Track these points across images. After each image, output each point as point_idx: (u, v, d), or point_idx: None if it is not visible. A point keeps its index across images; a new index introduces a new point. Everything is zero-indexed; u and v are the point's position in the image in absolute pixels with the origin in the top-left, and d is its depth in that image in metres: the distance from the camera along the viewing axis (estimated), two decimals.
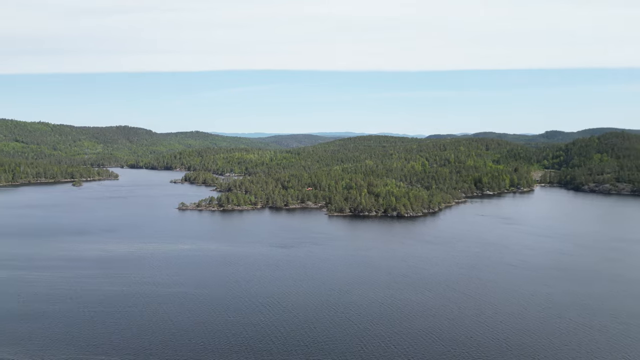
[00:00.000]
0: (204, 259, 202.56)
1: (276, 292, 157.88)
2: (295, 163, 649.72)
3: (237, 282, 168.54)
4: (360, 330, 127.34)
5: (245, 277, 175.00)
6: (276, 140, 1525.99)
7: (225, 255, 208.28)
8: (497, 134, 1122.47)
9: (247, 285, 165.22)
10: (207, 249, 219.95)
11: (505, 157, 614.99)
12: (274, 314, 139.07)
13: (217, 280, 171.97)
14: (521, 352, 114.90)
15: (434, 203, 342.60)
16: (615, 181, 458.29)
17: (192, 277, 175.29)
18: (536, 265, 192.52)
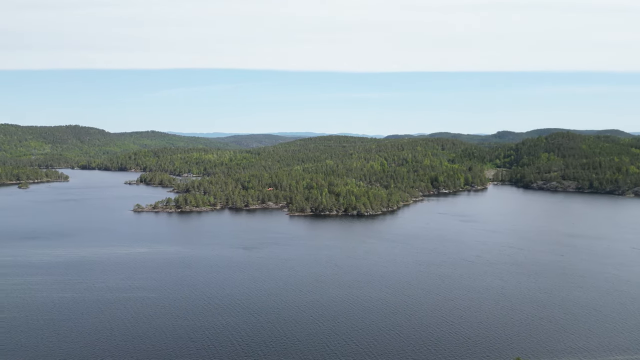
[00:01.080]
0: (162, 262, 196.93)
1: (237, 294, 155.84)
2: (256, 163, 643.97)
3: (197, 285, 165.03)
4: (322, 329, 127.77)
5: (205, 280, 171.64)
6: (235, 140, 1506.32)
7: (184, 258, 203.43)
8: (452, 134, 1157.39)
9: (207, 288, 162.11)
10: (164, 252, 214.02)
11: (460, 156, 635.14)
12: (236, 316, 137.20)
13: (175, 283, 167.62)
14: (478, 343, 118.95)
15: (392, 202, 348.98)
16: (561, 179, 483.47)
17: (149, 281, 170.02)
18: (490, 260, 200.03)
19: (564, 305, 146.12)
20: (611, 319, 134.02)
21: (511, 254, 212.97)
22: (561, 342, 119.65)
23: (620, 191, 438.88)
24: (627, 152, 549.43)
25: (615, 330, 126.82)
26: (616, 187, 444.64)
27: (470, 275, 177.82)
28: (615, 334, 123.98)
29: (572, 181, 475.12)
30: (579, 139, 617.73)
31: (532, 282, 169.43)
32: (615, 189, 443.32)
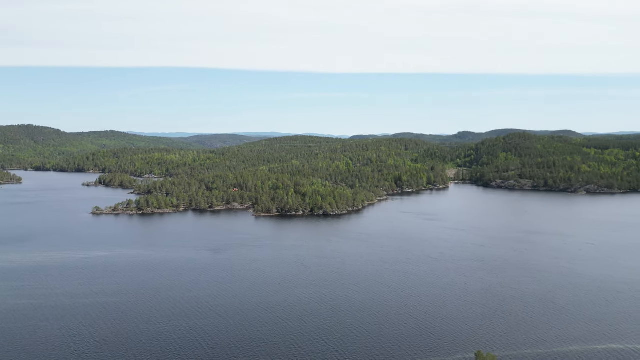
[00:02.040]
0: (123, 265, 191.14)
1: (203, 297, 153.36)
2: (220, 163, 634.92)
3: (160, 289, 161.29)
4: (290, 329, 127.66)
5: (169, 283, 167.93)
6: (199, 140, 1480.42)
7: (147, 261, 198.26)
8: (415, 135, 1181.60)
9: (172, 291, 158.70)
10: (125, 255, 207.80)
11: (422, 156, 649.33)
12: (202, 318, 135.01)
13: (138, 287, 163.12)
14: (441, 338, 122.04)
15: (358, 201, 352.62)
16: (519, 177, 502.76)
17: (110, 285, 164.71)
18: (453, 257, 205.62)
19: (523, 299, 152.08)
20: (567, 311, 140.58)
21: (473, 250, 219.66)
22: (520, 334, 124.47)
23: (573, 189, 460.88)
24: (579, 151, 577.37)
25: (570, 321, 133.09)
26: (569, 185, 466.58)
27: (434, 272, 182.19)
28: (571, 325, 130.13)
29: (528, 180, 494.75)
30: (534, 139, 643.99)
31: (493, 278, 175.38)
32: (568, 187, 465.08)
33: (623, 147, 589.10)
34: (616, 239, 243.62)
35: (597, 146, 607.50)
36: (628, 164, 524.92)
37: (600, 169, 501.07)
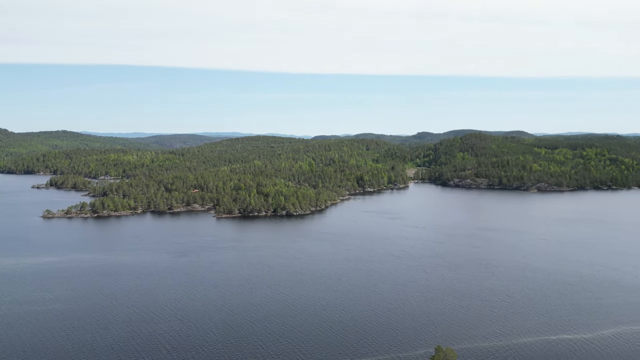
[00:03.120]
0: (78, 271, 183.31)
1: (163, 301, 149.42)
2: (180, 164, 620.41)
3: (118, 294, 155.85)
4: (254, 330, 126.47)
5: (127, 288, 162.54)
6: (157, 140, 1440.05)
7: (103, 266, 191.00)
8: (376, 135, 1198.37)
9: (130, 297, 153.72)
10: (80, 260, 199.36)
11: (383, 156, 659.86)
12: (162, 323, 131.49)
13: (93, 293, 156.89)
14: (404, 333, 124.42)
15: (321, 201, 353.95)
16: (475, 176, 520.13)
17: (64, 292, 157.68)
18: (415, 254, 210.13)
19: (481, 293, 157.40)
20: (522, 304, 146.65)
21: (433, 247, 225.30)
22: (478, 328, 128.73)
23: (525, 187, 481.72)
24: (531, 151, 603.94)
25: (525, 314, 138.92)
26: (522, 183, 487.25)
27: (397, 269, 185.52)
28: (526, 318, 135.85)
29: (484, 178, 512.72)
30: (489, 139, 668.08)
31: (452, 273, 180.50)
32: (521, 185, 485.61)
33: (571, 147, 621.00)
34: (565, 235, 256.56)
35: (547, 146, 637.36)
36: (575, 163, 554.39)
37: (550, 168, 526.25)
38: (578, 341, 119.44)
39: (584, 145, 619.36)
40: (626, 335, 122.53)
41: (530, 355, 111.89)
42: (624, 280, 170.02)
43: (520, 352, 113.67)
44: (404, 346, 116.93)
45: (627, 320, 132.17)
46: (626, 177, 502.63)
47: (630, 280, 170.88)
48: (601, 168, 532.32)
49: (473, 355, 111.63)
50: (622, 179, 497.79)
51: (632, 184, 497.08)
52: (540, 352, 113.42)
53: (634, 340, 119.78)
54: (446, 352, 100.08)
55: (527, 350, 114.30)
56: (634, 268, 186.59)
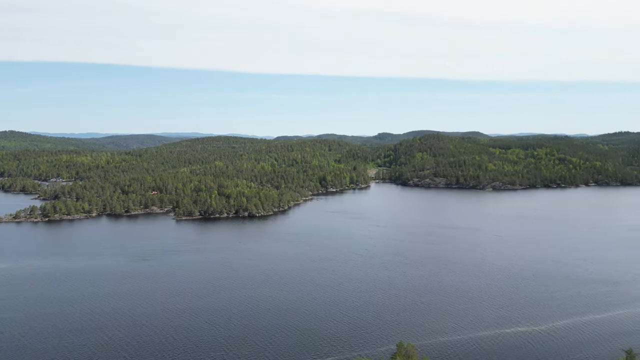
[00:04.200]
0: (28, 277, 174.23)
1: (123, 307, 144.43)
2: (137, 166, 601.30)
3: (73, 301, 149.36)
4: (217, 334, 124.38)
5: (83, 294, 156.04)
6: (113, 141, 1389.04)
7: (56, 272, 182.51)
8: (338, 136, 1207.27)
9: (87, 303, 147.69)
10: (30, 266, 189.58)
11: (345, 156, 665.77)
12: (122, 329, 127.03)
13: (46, 301, 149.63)
14: (367, 331, 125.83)
15: (283, 202, 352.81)
16: (434, 176, 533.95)
17: (14, 300, 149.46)
18: (377, 253, 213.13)
19: (441, 289, 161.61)
20: (479, 299, 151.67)
21: (395, 245, 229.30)
22: (439, 323, 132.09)
23: (481, 186, 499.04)
24: (486, 151, 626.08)
25: (483, 308, 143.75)
26: (478, 182, 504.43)
27: (360, 268, 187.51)
28: (483, 312, 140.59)
29: (442, 178, 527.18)
30: (447, 140, 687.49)
31: (413, 271, 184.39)
32: (477, 184, 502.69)
33: (523, 147, 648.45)
34: (519, 231, 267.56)
35: (501, 146, 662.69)
36: (527, 162, 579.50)
37: (504, 167, 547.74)
38: (532, 333, 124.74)
39: (535, 146, 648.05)
40: (578, 326, 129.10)
41: (487, 349, 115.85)
42: (575, 274, 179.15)
43: (478, 345, 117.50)
44: (367, 344, 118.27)
45: (578, 312, 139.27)
46: (574, 175, 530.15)
47: (580, 273, 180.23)
48: (551, 167, 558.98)
49: (433, 350, 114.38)
50: (570, 178, 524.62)
51: (579, 182, 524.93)
52: (497, 345, 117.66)
53: (584, 331, 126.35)
54: (407, 348, 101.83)
55: (484, 344, 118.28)
56: (584, 262, 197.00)
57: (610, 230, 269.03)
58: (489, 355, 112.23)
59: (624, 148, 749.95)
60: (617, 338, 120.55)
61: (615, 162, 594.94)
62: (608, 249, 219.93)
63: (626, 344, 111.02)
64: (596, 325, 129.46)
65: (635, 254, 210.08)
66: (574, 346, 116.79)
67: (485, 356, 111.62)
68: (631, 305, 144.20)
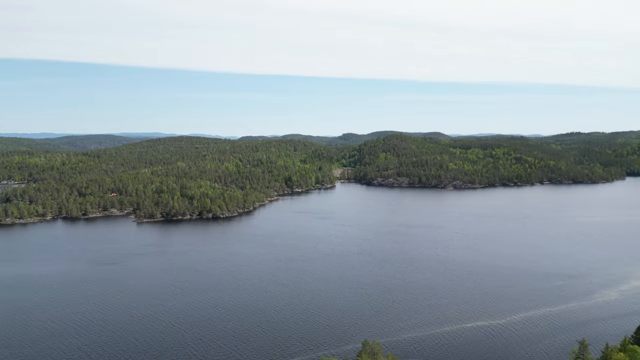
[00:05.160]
0: None
1: (80, 313, 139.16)
2: (95, 167, 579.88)
3: (26, 309, 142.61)
4: (183, 337, 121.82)
5: (36, 302, 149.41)
6: (69, 141, 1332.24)
7: (8, 278, 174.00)
8: (303, 136, 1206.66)
9: (41, 310, 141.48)
10: None
11: (310, 157, 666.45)
12: (80, 337, 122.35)
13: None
14: (334, 330, 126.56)
15: (248, 202, 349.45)
16: (397, 176, 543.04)
17: None
18: (343, 252, 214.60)
19: (405, 286, 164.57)
20: (442, 295, 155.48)
21: (360, 244, 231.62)
22: (404, 320, 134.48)
23: (443, 185, 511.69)
24: (447, 151, 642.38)
25: (445, 304, 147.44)
26: (439, 181, 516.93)
27: (327, 267, 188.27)
28: (446, 308, 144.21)
29: (405, 177, 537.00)
30: (409, 140, 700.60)
31: (379, 269, 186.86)
32: (438, 183, 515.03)
33: (482, 147, 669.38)
34: (479, 228, 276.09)
35: (461, 146, 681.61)
36: (486, 162, 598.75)
37: (464, 166, 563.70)
38: (492, 327, 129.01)
39: (493, 146, 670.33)
40: (535, 319, 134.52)
41: (450, 344, 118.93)
42: (532, 269, 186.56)
43: (441, 341, 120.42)
44: (334, 343, 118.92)
45: (535, 305, 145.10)
46: (529, 174, 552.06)
47: (537, 268, 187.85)
48: (508, 166, 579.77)
49: (398, 347, 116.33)
50: (526, 176, 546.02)
51: (535, 181, 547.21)
52: (459, 340, 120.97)
53: (541, 323, 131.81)
54: (372, 346, 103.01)
55: (447, 339, 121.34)
56: (540, 257, 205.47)
57: (563, 226, 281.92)
58: (451, 350, 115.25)
59: (575, 148, 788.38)
60: (572, 329, 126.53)
61: (567, 162, 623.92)
62: (562, 245, 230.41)
63: (580, 334, 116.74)
64: (552, 317, 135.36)
65: (586, 249, 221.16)
66: (532, 338, 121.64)
67: (448, 351, 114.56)
68: (584, 298, 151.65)
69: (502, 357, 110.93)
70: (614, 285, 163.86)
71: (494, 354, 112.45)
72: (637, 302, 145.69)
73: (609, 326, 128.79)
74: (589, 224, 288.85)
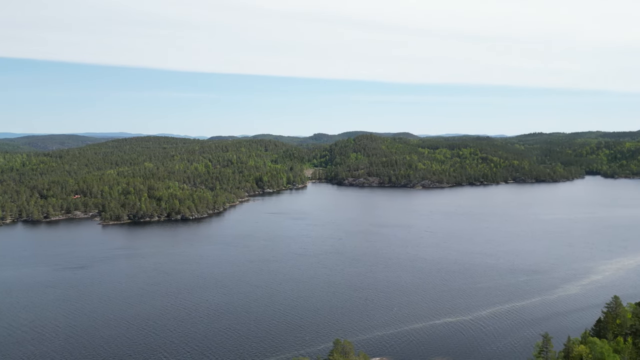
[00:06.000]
0: None
1: (42, 319, 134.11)
2: (57, 168, 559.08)
3: None
4: (150, 343, 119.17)
5: None
6: (29, 141, 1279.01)
7: None
8: (274, 136, 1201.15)
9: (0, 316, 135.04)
10: None
11: (282, 157, 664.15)
12: (42, 344, 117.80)
13: None
14: (307, 330, 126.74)
15: (218, 203, 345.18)
16: (367, 175, 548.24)
17: None
18: (315, 251, 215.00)
19: (377, 285, 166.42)
20: (412, 293, 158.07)
21: (332, 244, 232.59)
22: (375, 318, 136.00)
23: (412, 184, 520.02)
24: (416, 151, 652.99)
25: (416, 301, 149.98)
26: (408, 181, 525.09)
27: (299, 267, 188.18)
28: (416, 305, 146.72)
29: (375, 177, 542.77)
30: (379, 140, 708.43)
31: (351, 268, 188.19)
32: (408, 183, 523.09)
33: (449, 147, 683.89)
34: (448, 227, 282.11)
35: (429, 146, 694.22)
36: (453, 162, 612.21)
37: (433, 166, 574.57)
38: (460, 323, 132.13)
39: (460, 146, 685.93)
40: (501, 314, 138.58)
41: (420, 340, 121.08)
42: (498, 265, 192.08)
43: (411, 338, 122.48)
44: (306, 343, 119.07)
45: (501, 301, 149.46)
46: (495, 173, 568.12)
47: (503, 264, 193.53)
48: (475, 166, 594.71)
49: (370, 345, 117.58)
50: (491, 176, 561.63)
51: (500, 180, 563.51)
52: (428, 337, 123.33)
53: (507, 318, 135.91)
54: (344, 345, 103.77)
55: (416, 336, 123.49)
56: (506, 254, 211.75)
57: (527, 223, 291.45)
58: (421, 346, 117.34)
59: (537, 148, 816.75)
60: (536, 323, 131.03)
61: (530, 161, 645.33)
62: (526, 241, 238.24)
63: (543, 328, 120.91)
64: (517, 312, 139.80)
65: (550, 245, 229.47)
66: (498, 333, 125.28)
67: (418, 348, 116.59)
68: (547, 293, 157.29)
69: (470, 352, 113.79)
70: (575, 280, 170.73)
71: (463, 350, 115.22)
72: (596, 296, 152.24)
73: (571, 320, 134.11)
74: (551, 221, 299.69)
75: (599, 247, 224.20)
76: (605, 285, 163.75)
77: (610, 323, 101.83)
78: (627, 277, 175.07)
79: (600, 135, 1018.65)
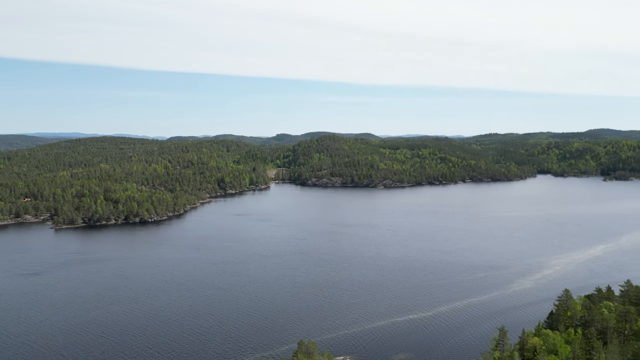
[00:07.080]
0: None
1: None
2: (5, 170, 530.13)
3: None
4: (108, 349, 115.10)
5: None
6: None
7: None
8: (236, 136, 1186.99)
9: None
10: None
11: (244, 157, 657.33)
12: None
13: None
14: (271, 331, 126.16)
15: (179, 205, 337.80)
16: (330, 176, 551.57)
17: None
18: (280, 252, 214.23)
19: (341, 284, 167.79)
20: (376, 291, 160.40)
21: (296, 244, 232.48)
22: (339, 317, 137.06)
23: (374, 184, 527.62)
24: (377, 151, 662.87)
25: (378, 299, 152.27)
26: (370, 181, 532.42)
27: (263, 268, 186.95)
28: (379, 303, 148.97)
29: (338, 177, 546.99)
30: (342, 141, 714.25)
31: (315, 268, 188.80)
32: (370, 183, 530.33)
33: (410, 148, 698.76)
34: (409, 225, 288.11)
35: (390, 147, 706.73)
36: (414, 162, 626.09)
37: (394, 166, 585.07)
38: (421, 319, 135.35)
39: (419, 146, 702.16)
40: (460, 309, 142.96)
41: (382, 338, 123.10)
42: (457, 262, 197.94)
43: (374, 335, 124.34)
44: (270, 344, 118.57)
45: (460, 297, 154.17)
46: (453, 173, 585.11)
47: (462, 261, 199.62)
48: (434, 166, 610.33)
49: (334, 344, 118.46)
50: (450, 175, 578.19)
51: (458, 179, 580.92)
52: (391, 334, 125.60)
53: (466, 313, 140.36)
54: (308, 345, 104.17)
55: (380, 334, 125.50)
56: (464, 251, 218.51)
57: (484, 221, 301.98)
58: (383, 344, 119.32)
59: (493, 148, 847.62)
60: (493, 317, 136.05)
61: (486, 161, 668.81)
62: (484, 238, 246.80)
63: (500, 322, 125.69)
64: (475, 307, 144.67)
65: (505, 242, 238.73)
66: (457, 328, 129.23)
67: (381, 345, 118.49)
68: (503, 288, 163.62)
69: (431, 348, 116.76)
70: (529, 275, 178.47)
71: (424, 345, 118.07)
72: (549, 290, 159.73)
73: (525, 313, 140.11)
74: (506, 218, 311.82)
75: (551, 243, 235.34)
76: (556, 279, 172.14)
77: (561, 315, 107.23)
78: (577, 271, 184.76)
79: (550, 135, 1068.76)
